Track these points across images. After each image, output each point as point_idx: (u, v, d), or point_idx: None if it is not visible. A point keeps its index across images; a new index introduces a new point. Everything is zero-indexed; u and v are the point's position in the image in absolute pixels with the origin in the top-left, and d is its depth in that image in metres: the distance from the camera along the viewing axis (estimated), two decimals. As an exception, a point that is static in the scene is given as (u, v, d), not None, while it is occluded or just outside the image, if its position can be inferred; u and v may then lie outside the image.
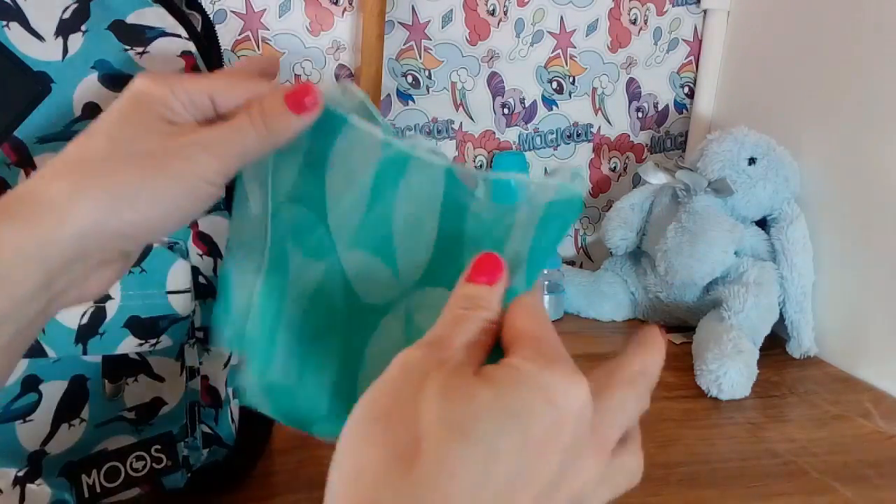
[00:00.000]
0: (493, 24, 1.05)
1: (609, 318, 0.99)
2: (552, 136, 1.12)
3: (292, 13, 0.98)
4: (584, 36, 1.09)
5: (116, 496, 0.48)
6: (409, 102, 1.05)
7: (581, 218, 1.17)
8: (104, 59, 0.43)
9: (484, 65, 1.07)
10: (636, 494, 0.57)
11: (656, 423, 0.70)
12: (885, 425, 0.72)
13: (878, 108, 0.82)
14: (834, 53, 0.89)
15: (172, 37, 0.46)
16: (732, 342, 0.78)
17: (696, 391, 0.77)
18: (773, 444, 0.67)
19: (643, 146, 1.17)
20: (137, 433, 0.48)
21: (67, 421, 0.45)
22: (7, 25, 0.40)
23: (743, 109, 1.07)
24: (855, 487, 0.60)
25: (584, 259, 1.19)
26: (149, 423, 0.49)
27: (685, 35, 1.13)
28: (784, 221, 0.89)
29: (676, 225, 0.90)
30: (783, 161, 0.90)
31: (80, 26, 0.43)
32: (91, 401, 0.45)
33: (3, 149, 0.41)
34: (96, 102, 0.43)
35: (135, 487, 0.49)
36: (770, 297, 0.86)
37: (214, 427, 0.54)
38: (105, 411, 0.46)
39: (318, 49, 1.00)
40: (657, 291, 0.95)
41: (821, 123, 0.91)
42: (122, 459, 0.48)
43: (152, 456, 0.49)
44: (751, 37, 1.06)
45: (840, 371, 0.85)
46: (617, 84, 1.13)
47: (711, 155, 0.91)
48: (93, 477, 0.47)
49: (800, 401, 0.77)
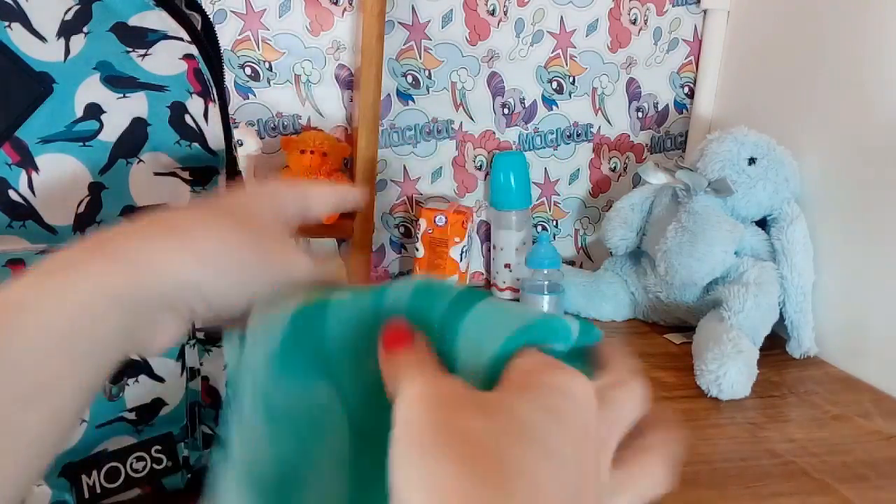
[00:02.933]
0: (493, 24, 1.05)
1: (609, 318, 0.99)
2: (552, 136, 1.12)
3: (292, 13, 0.98)
4: (584, 36, 1.09)
5: (117, 497, 0.48)
6: (409, 102, 1.05)
7: (581, 218, 1.17)
8: (106, 60, 0.43)
9: (484, 65, 1.07)
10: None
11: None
12: (885, 425, 0.72)
13: (877, 108, 0.82)
14: (834, 53, 0.89)
15: (174, 40, 0.46)
16: (732, 342, 0.78)
17: (696, 391, 0.77)
18: (773, 444, 0.67)
19: (643, 146, 1.17)
20: (138, 434, 0.48)
21: (68, 421, 0.45)
22: (9, 26, 0.41)
23: (743, 109, 1.07)
24: (855, 487, 0.60)
25: (584, 259, 1.20)
26: (149, 423, 0.49)
27: (685, 35, 1.13)
28: (784, 221, 0.89)
29: (676, 225, 0.90)
30: (783, 161, 0.90)
31: (81, 28, 0.43)
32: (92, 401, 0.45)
33: (5, 148, 0.42)
34: (97, 103, 0.43)
35: (135, 488, 0.49)
36: (770, 297, 0.86)
37: (215, 427, 0.54)
38: (106, 412, 0.46)
39: (318, 49, 1.00)
40: (657, 291, 0.95)
41: (821, 123, 0.91)
42: (123, 460, 0.48)
43: (153, 457, 0.49)
44: (751, 37, 1.06)
45: (840, 371, 0.85)
46: (617, 84, 1.13)
47: (711, 155, 0.91)
48: (93, 477, 0.47)
49: (800, 401, 0.77)
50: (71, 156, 0.43)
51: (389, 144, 1.06)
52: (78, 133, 0.43)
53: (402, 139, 1.07)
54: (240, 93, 0.99)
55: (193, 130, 0.47)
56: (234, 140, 0.53)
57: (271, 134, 1.02)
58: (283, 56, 0.99)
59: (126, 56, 0.44)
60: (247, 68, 0.99)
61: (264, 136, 1.01)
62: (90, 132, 0.43)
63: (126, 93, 0.44)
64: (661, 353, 0.88)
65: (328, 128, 1.03)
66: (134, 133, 0.45)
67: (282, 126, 1.02)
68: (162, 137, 0.46)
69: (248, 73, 0.99)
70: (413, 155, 1.08)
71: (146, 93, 0.45)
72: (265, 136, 1.01)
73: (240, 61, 0.98)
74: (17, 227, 0.43)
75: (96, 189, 0.44)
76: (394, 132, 1.06)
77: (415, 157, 1.08)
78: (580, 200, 1.17)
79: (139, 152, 0.45)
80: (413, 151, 1.08)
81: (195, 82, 0.47)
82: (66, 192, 0.43)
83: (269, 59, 0.99)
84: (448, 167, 1.10)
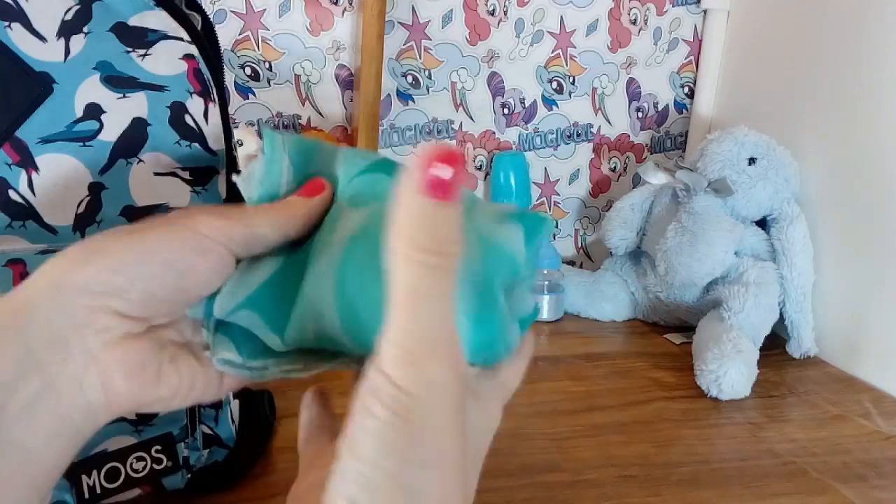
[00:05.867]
0: (493, 24, 1.05)
1: (609, 318, 0.99)
2: (552, 136, 1.12)
3: (292, 13, 0.98)
4: (584, 36, 1.09)
5: (117, 497, 0.48)
6: (409, 102, 1.05)
7: (581, 218, 1.18)
8: (106, 60, 0.43)
9: (484, 65, 1.07)
10: (636, 494, 0.58)
11: (656, 423, 0.70)
12: (885, 425, 0.72)
13: (878, 108, 0.82)
14: (834, 53, 0.89)
15: (175, 40, 0.46)
16: (732, 342, 0.78)
17: (696, 391, 0.77)
18: (773, 444, 0.67)
19: (643, 146, 1.17)
20: (138, 434, 0.48)
21: (69, 421, 0.45)
22: (9, 26, 0.41)
23: (743, 109, 1.07)
24: (855, 487, 0.60)
25: (584, 259, 1.20)
26: (149, 423, 0.49)
27: (685, 35, 1.13)
28: (784, 221, 0.89)
29: (676, 225, 0.90)
30: (783, 161, 0.90)
31: (81, 27, 0.43)
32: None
33: (4, 148, 0.42)
34: (97, 103, 0.43)
35: (135, 488, 0.49)
36: (770, 297, 0.86)
37: (214, 427, 0.54)
38: (106, 412, 0.46)
39: (318, 49, 1.00)
40: (657, 291, 0.95)
41: (821, 123, 0.91)
42: (123, 460, 0.48)
43: (152, 456, 0.49)
44: (751, 37, 1.06)
45: (840, 371, 0.85)
46: (617, 84, 1.13)
47: (711, 155, 0.91)
48: (93, 477, 0.47)
49: (800, 401, 0.77)
50: (71, 156, 0.43)
51: (389, 144, 1.06)
52: (78, 133, 0.43)
53: (402, 139, 1.07)
54: (240, 93, 0.99)
55: (193, 130, 0.47)
56: (234, 140, 0.53)
57: (271, 134, 1.02)
58: (283, 56, 0.99)
59: (126, 56, 0.44)
60: (247, 68, 0.99)
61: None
62: (90, 132, 0.43)
63: (126, 93, 0.44)
64: (661, 353, 0.88)
65: (328, 128, 1.03)
66: (134, 133, 0.45)
67: (282, 126, 1.02)
68: (162, 137, 0.46)
69: (248, 73, 0.99)
70: (413, 155, 1.08)
71: (146, 93, 0.45)
72: (265, 137, 1.01)
73: (240, 61, 0.98)
74: (17, 227, 0.43)
75: (96, 189, 0.44)
76: (394, 132, 1.06)
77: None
78: (580, 200, 1.17)
79: (139, 152, 0.45)
80: (413, 151, 1.08)
81: (195, 82, 0.47)
82: (66, 192, 0.43)
83: (269, 59, 0.99)
84: (448, 167, 1.10)
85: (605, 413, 0.72)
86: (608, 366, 0.83)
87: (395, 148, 1.07)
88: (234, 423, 0.57)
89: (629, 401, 0.75)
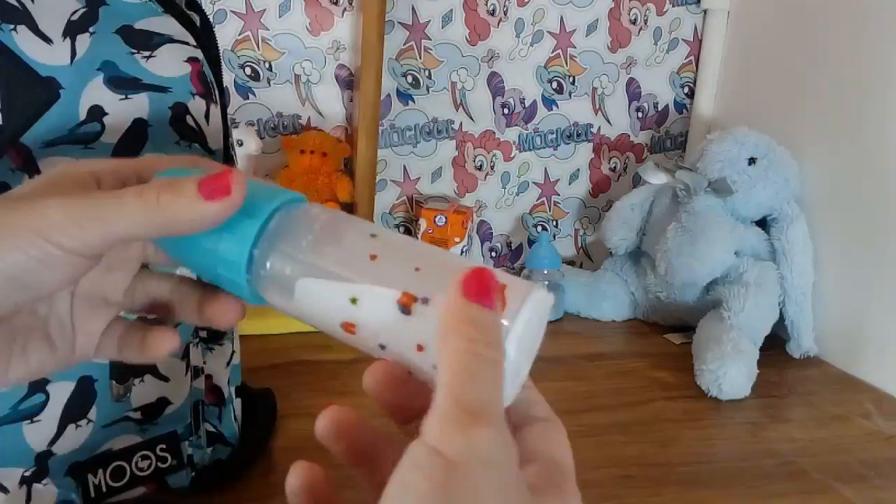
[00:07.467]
0: (493, 24, 1.06)
1: (609, 318, 1.00)
2: (552, 136, 1.12)
3: (292, 13, 0.98)
4: (584, 36, 1.09)
5: (122, 495, 0.49)
6: (409, 102, 1.06)
7: (581, 218, 1.18)
8: (110, 60, 0.43)
9: (484, 65, 1.07)
10: (637, 494, 0.58)
11: (656, 423, 0.70)
12: (885, 425, 0.72)
13: (878, 108, 0.83)
14: (834, 53, 0.89)
15: (180, 44, 0.46)
16: (732, 342, 0.78)
17: (696, 391, 0.77)
18: (773, 444, 0.67)
19: (643, 146, 1.17)
20: (143, 433, 0.49)
21: (75, 421, 0.45)
22: (15, 29, 0.40)
23: (743, 109, 1.07)
24: (855, 487, 0.60)
25: (584, 259, 1.20)
26: (154, 422, 0.49)
27: (685, 35, 1.14)
28: (784, 221, 0.90)
29: (676, 225, 0.90)
30: (783, 161, 0.91)
31: (87, 28, 0.42)
32: (98, 401, 0.45)
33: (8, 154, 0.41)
34: (100, 105, 0.43)
35: (140, 486, 0.49)
36: (770, 297, 0.86)
37: (218, 425, 0.55)
38: (112, 412, 0.46)
39: (318, 49, 1.00)
40: (657, 291, 0.95)
41: (821, 123, 0.91)
42: (128, 459, 0.48)
43: (157, 455, 0.49)
44: (751, 37, 1.06)
45: (840, 371, 0.85)
46: (617, 84, 1.13)
47: (711, 155, 0.92)
48: (99, 477, 0.47)
49: (800, 401, 0.77)
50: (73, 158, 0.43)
51: (389, 144, 1.06)
52: (80, 136, 0.43)
53: (402, 139, 1.07)
54: (240, 93, 0.99)
55: (194, 130, 0.47)
56: (233, 140, 0.53)
57: (271, 134, 1.02)
58: (283, 56, 0.99)
59: (130, 57, 0.44)
60: (247, 68, 0.99)
61: (264, 136, 1.01)
62: (92, 135, 0.43)
63: (128, 94, 0.44)
64: (661, 353, 0.88)
65: (328, 128, 1.03)
66: (134, 134, 0.45)
67: (282, 126, 1.02)
68: (162, 138, 0.45)
69: (248, 73, 0.99)
70: (413, 155, 1.08)
71: (148, 94, 0.45)
72: (265, 136, 1.01)
73: (240, 61, 0.98)
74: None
75: (98, 190, 0.44)
76: (394, 132, 1.06)
77: (415, 157, 1.08)
78: (580, 200, 1.17)
79: (139, 153, 0.45)
80: (413, 151, 1.08)
81: (198, 84, 0.47)
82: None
83: (269, 59, 0.99)
84: (448, 167, 1.10)
85: (605, 413, 0.72)
86: (608, 366, 0.84)
87: (395, 148, 1.07)
88: (236, 420, 0.57)
89: (629, 401, 0.75)
